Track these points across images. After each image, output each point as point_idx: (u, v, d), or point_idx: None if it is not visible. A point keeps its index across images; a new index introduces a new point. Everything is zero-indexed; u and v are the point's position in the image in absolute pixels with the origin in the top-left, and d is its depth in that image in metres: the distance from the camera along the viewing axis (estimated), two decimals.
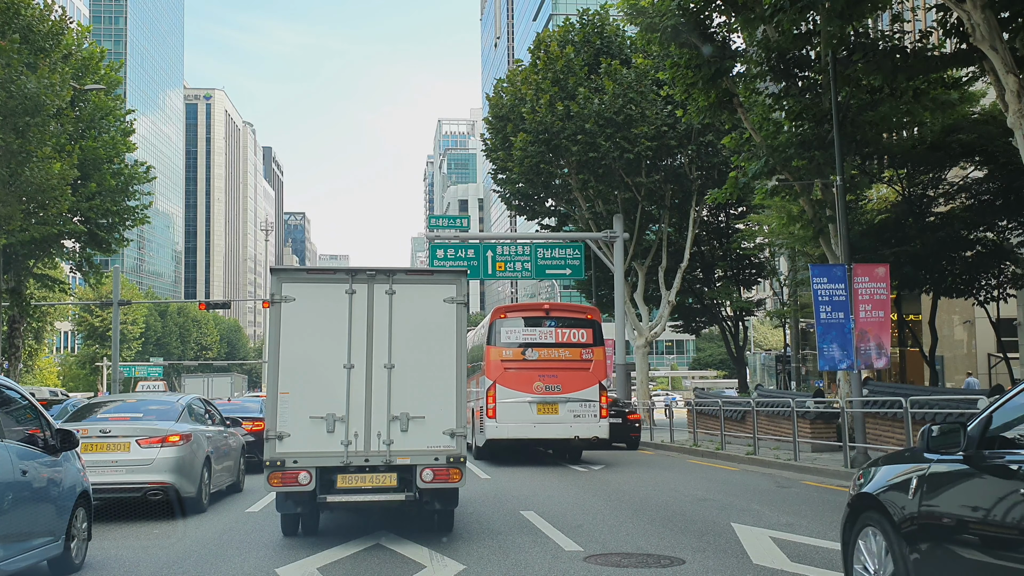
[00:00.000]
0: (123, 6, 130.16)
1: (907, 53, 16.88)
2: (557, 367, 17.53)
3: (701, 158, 29.95)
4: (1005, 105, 13.15)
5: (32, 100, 20.88)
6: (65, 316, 73.98)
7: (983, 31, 12.90)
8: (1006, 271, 23.57)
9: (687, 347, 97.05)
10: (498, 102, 33.08)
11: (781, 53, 17.61)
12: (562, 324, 17.94)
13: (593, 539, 8.95)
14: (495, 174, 35.98)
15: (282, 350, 8.62)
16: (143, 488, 10.60)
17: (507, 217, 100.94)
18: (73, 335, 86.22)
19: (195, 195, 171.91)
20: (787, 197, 21.14)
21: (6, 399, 7.07)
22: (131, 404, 12.53)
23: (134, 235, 78.76)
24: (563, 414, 17.31)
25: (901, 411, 13.94)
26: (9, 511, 6.28)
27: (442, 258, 30.14)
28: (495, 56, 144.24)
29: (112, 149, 29.65)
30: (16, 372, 30.32)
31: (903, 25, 18.33)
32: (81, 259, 31.46)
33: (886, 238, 22.56)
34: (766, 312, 50.72)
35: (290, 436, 8.47)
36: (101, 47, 31.58)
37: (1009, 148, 17.30)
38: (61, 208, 24.08)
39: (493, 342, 17.76)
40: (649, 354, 35.71)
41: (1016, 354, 28.54)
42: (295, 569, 7.62)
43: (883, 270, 16.62)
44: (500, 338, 17.78)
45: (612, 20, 32.57)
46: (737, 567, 7.56)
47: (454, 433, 8.71)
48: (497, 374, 17.52)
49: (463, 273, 9.16)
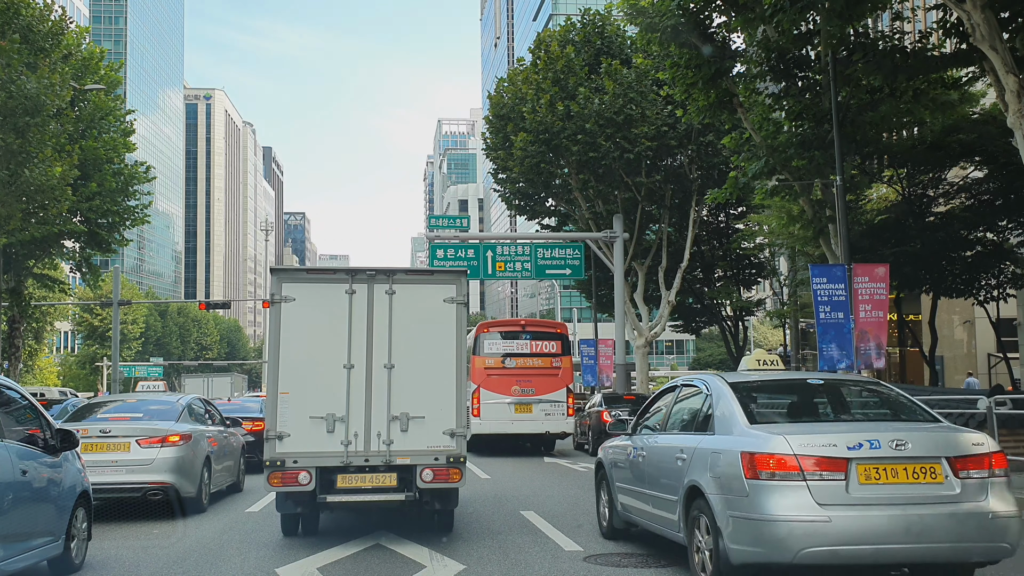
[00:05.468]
0: (123, 6, 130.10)
1: (907, 53, 16.88)
2: (531, 373, 20.78)
3: (701, 158, 29.94)
4: (1005, 105, 13.14)
5: (32, 100, 20.87)
6: (65, 316, 73.95)
7: (983, 31, 12.90)
8: (1006, 271, 23.56)
9: (687, 347, 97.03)
10: (499, 101, 33.06)
11: (781, 53, 17.61)
12: (536, 337, 21.30)
13: (593, 539, 8.95)
14: (495, 173, 35.96)
15: (282, 350, 8.62)
16: (143, 488, 10.61)
17: (507, 217, 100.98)
18: (73, 335, 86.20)
19: (195, 195, 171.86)
20: (787, 197, 21.15)
21: (6, 399, 7.07)
22: (131, 404, 12.54)
23: (134, 235, 78.86)
24: (536, 413, 20.49)
25: None
26: (9, 511, 6.28)
27: (442, 258, 30.11)
28: (495, 56, 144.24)
29: (112, 149, 29.63)
30: (16, 372, 30.33)
31: (903, 25, 18.33)
32: (81, 259, 31.47)
33: (886, 238, 22.56)
34: (766, 312, 50.71)
35: (290, 436, 8.47)
36: (101, 47, 31.59)
37: (1009, 148, 17.29)
38: (61, 208, 24.08)
39: (477, 352, 20.76)
40: (649, 354, 35.71)
41: (1016, 354, 28.54)
42: (295, 569, 7.62)
43: (883, 270, 16.61)
44: (483, 349, 20.89)
45: (613, 20, 32.55)
46: None
47: (454, 433, 8.71)
48: (481, 379, 20.56)
49: (463, 273, 9.17)
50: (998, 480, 6.00)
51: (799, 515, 5.74)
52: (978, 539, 5.88)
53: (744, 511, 5.96)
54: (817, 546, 5.72)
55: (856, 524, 5.74)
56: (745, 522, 5.95)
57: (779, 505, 5.79)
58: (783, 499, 5.80)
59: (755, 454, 5.97)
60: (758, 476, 5.90)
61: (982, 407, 12.01)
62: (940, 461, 5.93)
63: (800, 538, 5.73)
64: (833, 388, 7.59)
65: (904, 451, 5.90)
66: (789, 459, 5.85)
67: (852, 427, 6.57)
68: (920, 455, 5.93)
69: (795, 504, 5.77)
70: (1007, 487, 6.08)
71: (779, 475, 5.84)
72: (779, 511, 5.78)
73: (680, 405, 7.80)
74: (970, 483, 5.91)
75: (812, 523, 5.72)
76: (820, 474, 5.81)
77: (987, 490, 5.93)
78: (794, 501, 5.78)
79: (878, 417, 7.21)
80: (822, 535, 5.72)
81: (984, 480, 5.95)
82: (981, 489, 5.92)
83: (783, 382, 8.38)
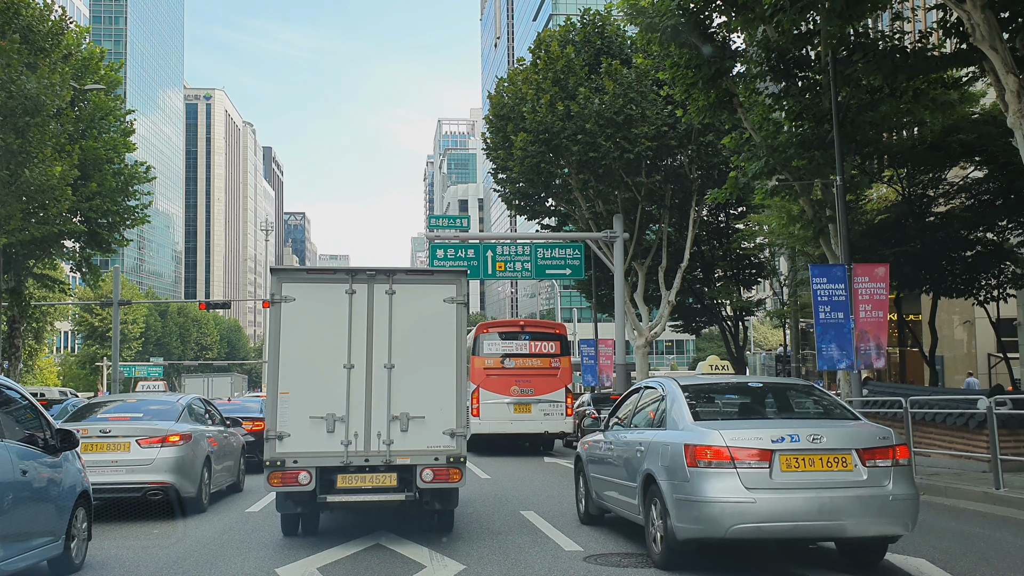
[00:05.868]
0: (123, 6, 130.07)
1: (907, 53, 16.86)
2: (530, 374, 20.94)
3: (701, 158, 29.93)
4: (1005, 105, 13.15)
5: (32, 100, 20.87)
6: (65, 316, 73.92)
7: (983, 31, 12.90)
8: (1006, 271, 23.54)
9: (687, 347, 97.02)
10: (499, 101, 33.06)
11: (781, 53, 17.61)
12: (534, 338, 21.44)
13: (593, 539, 8.95)
14: (495, 173, 35.95)
15: (282, 350, 8.62)
16: (143, 488, 10.61)
17: (507, 217, 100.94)
18: (73, 335, 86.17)
19: (195, 195, 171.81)
20: (787, 197, 21.14)
21: (6, 399, 7.07)
22: (131, 404, 12.54)
23: (134, 235, 78.81)
24: (535, 413, 20.65)
25: (901, 411, 13.95)
26: (9, 511, 6.28)
27: (442, 258, 30.11)
28: (495, 56, 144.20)
29: (112, 149, 29.61)
30: (16, 372, 30.32)
31: (903, 25, 18.31)
32: (81, 259, 31.46)
33: (886, 238, 22.54)
34: (766, 312, 50.70)
35: (290, 436, 8.47)
36: (101, 47, 31.57)
37: (1009, 148, 17.28)
38: (61, 208, 24.07)
39: (477, 352, 20.90)
40: (649, 354, 35.69)
41: (1016, 354, 28.52)
42: (295, 569, 7.62)
43: (883, 270, 16.61)
44: (483, 349, 21.06)
45: (613, 20, 32.54)
46: (737, 567, 7.56)
47: (454, 433, 8.70)
48: (480, 379, 20.71)
49: (463, 273, 9.17)
50: (900, 468, 7.03)
51: (729, 497, 6.73)
52: (880, 517, 6.86)
53: (686, 494, 6.94)
54: (744, 523, 6.70)
55: (777, 505, 6.73)
56: (687, 503, 6.94)
57: (714, 489, 6.78)
58: (717, 484, 6.79)
59: (695, 446, 6.98)
60: (697, 464, 6.91)
61: (982, 407, 12.01)
62: (851, 452, 6.94)
63: (730, 516, 6.71)
64: (770, 391, 8.71)
65: (820, 444, 6.92)
66: (723, 450, 6.86)
67: (778, 424, 7.46)
68: (834, 447, 6.94)
69: (727, 488, 6.75)
70: (908, 474, 7.13)
71: (714, 464, 6.85)
72: (714, 494, 6.77)
73: (642, 404, 8.93)
74: (875, 471, 6.92)
75: (740, 504, 6.71)
76: (748, 463, 6.80)
77: (890, 476, 6.94)
78: (726, 486, 6.76)
79: (805, 416, 8.13)
80: (749, 514, 6.70)
81: (888, 468, 6.95)
82: (885, 475, 6.92)
83: (728, 385, 9.43)
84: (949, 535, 9.13)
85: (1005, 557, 7.97)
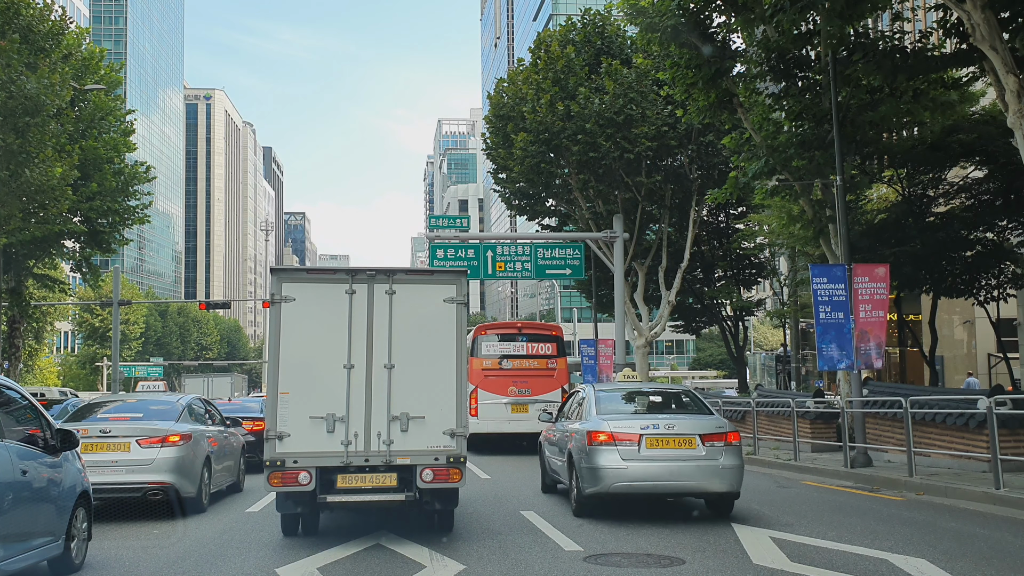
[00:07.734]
0: (123, 6, 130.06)
1: (907, 53, 16.86)
2: (527, 375, 21.42)
3: (701, 158, 29.93)
4: (1005, 105, 13.15)
5: (32, 100, 20.88)
6: (65, 316, 73.93)
7: (983, 31, 12.90)
8: (1006, 271, 23.53)
9: (687, 347, 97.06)
10: (499, 101, 33.05)
11: (781, 53, 17.60)
12: (531, 339, 21.95)
13: (593, 539, 8.95)
14: (495, 173, 35.94)
15: (282, 350, 8.62)
16: (143, 488, 10.61)
17: (507, 217, 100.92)
18: (73, 335, 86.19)
19: (195, 195, 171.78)
20: (787, 197, 21.13)
21: (6, 399, 7.07)
22: (131, 404, 12.53)
23: (134, 235, 78.91)
24: (532, 413, 20.54)
25: (901, 411, 13.94)
26: (9, 511, 6.28)
27: (442, 258, 30.07)
28: (495, 56, 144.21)
29: (112, 149, 29.64)
30: (16, 372, 30.32)
31: (903, 25, 18.30)
32: (81, 259, 31.46)
33: (886, 238, 22.54)
34: (766, 312, 50.71)
35: (290, 436, 8.47)
36: (101, 47, 31.58)
37: (1009, 148, 17.29)
38: (61, 208, 24.08)
39: (475, 354, 21.35)
40: (649, 354, 35.68)
41: (1016, 354, 28.53)
42: (295, 569, 7.62)
43: (883, 270, 16.59)
44: (481, 350, 21.51)
45: (613, 20, 32.53)
46: (737, 567, 7.57)
47: (454, 433, 8.70)
48: (478, 380, 21.03)
49: (463, 273, 9.17)
50: (731, 447, 10.12)
51: (611, 465, 9.98)
52: (713, 479, 10.00)
53: (587, 464, 10.15)
54: (621, 482, 9.95)
55: (642, 470, 9.96)
56: (588, 470, 10.14)
57: (603, 460, 10.02)
58: (605, 456, 10.03)
59: (592, 431, 10.24)
60: (594, 444, 10.14)
61: (982, 407, 12.00)
62: (695, 436, 10.08)
63: (612, 477, 9.96)
64: (657, 394, 12.05)
65: (672, 431, 10.12)
66: (610, 434, 10.11)
67: (649, 417, 10.55)
68: (683, 433, 10.12)
69: (610, 459, 10.00)
70: (736, 451, 10.18)
71: (604, 444, 10.08)
72: (602, 463, 10.02)
73: (573, 403, 12.11)
74: (712, 448, 10.01)
75: (617, 470, 9.95)
76: (625, 443, 10.03)
77: (723, 453, 10.01)
78: (609, 458, 10.01)
79: (672, 412, 11.10)
80: (624, 476, 9.94)
81: (721, 447, 10.04)
82: (719, 452, 10.01)
83: (629, 391, 12.22)
84: (949, 535, 9.13)
85: (1005, 557, 7.97)
